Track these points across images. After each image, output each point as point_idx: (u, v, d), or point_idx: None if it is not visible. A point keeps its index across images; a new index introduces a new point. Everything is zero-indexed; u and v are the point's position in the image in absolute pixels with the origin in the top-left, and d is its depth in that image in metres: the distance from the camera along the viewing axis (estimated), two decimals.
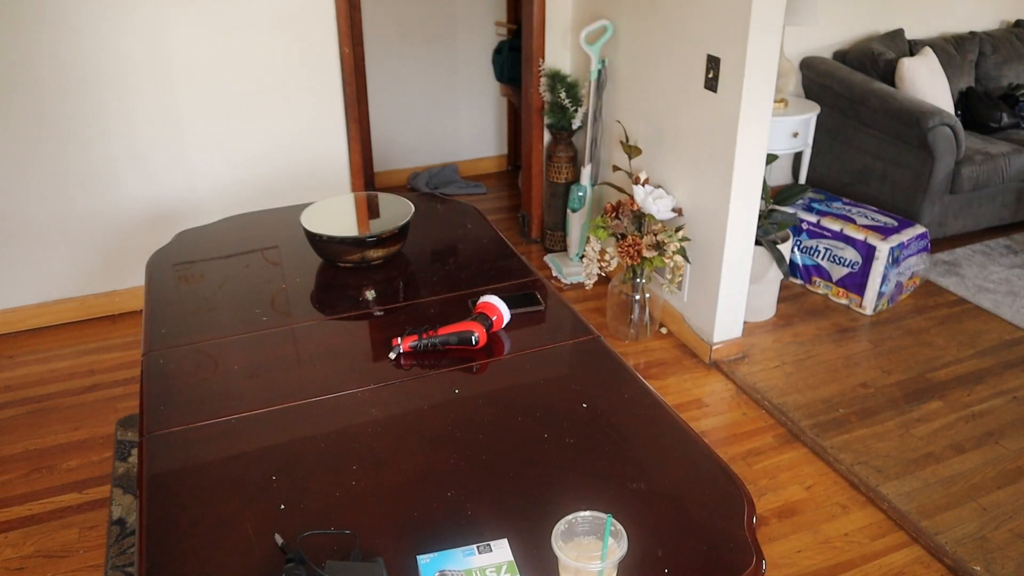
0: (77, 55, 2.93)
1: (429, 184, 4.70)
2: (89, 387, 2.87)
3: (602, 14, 3.36)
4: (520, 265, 1.99)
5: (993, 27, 4.55)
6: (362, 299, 1.83)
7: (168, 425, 1.41)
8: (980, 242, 3.93)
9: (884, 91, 3.72)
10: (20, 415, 2.73)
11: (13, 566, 2.12)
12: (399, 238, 1.97)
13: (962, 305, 3.40)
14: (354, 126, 3.41)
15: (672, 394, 2.82)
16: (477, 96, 4.83)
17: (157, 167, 3.18)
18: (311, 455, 1.34)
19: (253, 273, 1.98)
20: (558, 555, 1.01)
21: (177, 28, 3.01)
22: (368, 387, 1.53)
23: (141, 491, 1.27)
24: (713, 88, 2.71)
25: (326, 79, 3.28)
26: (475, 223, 2.28)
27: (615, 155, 3.41)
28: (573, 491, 1.24)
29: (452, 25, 4.62)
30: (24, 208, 3.07)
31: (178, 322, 1.75)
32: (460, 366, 1.58)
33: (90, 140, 3.06)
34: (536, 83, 3.64)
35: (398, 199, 2.10)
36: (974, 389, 2.84)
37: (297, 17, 3.15)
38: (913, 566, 2.11)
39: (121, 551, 2.14)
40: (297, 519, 1.18)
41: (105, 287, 3.31)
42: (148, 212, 3.24)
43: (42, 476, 2.44)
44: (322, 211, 2.04)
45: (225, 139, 3.24)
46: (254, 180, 3.33)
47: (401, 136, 4.73)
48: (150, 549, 1.15)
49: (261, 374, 1.57)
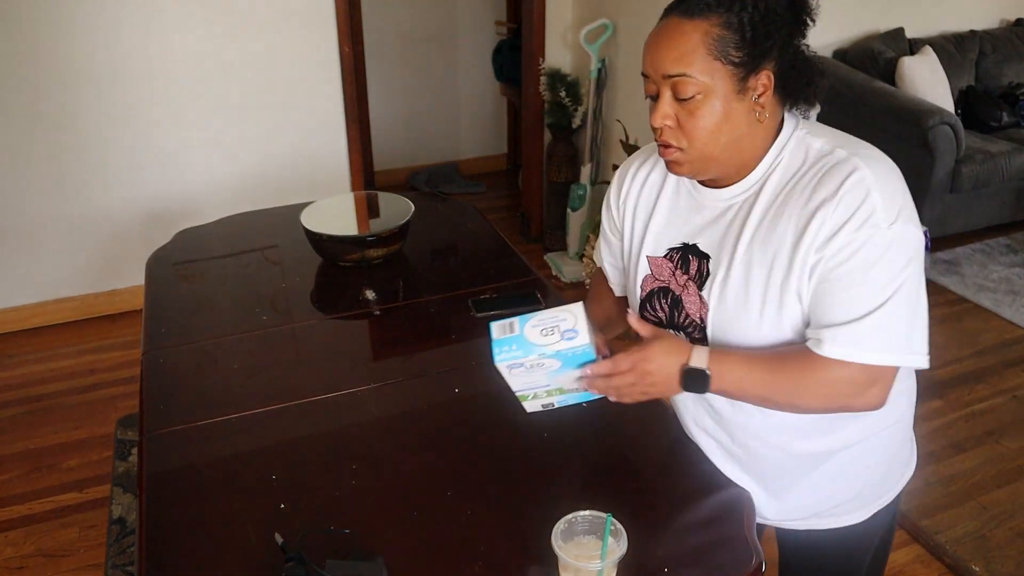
0: (77, 54, 2.92)
1: (429, 183, 4.70)
2: (89, 386, 2.87)
3: (602, 13, 3.35)
4: (520, 264, 1.99)
5: (993, 26, 4.55)
6: (362, 298, 1.83)
7: (168, 424, 1.40)
8: (980, 241, 3.92)
9: (884, 90, 3.71)
10: (20, 414, 2.73)
11: (13, 565, 2.12)
12: (399, 237, 1.96)
13: (962, 304, 3.40)
14: (354, 125, 3.41)
15: None
16: (477, 95, 4.83)
17: (157, 166, 3.18)
18: (311, 454, 1.34)
19: (253, 272, 1.98)
20: (558, 554, 1.01)
21: (177, 27, 3.01)
22: (368, 386, 1.52)
23: (141, 490, 1.27)
24: None
25: (326, 78, 3.28)
26: (475, 222, 2.28)
27: (615, 154, 3.41)
28: (573, 490, 1.24)
29: (452, 24, 4.62)
30: (24, 207, 3.07)
31: (178, 321, 1.75)
32: (459, 365, 1.58)
33: (90, 139, 3.06)
34: (536, 82, 3.64)
35: (398, 198, 2.10)
36: (974, 388, 2.84)
37: (297, 16, 3.14)
38: (913, 565, 2.11)
39: (121, 550, 2.14)
40: (297, 518, 1.18)
41: (105, 286, 3.31)
42: (148, 211, 3.24)
43: (42, 475, 2.44)
44: (322, 210, 2.03)
45: (225, 138, 3.23)
46: (254, 179, 3.32)
47: (401, 135, 4.73)
48: (150, 548, 1.15)
49: (261, 373, 1.57)
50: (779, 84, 1.05)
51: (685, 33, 1.01)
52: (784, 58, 1.04)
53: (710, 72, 1.01)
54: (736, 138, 1.05)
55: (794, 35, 1.05)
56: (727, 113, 1.03)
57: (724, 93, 1.02)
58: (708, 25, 1.00)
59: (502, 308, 1.73)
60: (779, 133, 1.09)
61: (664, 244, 1.20)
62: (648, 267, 1.22)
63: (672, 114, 1.05)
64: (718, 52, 1.00)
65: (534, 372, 1.09)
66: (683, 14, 1.02)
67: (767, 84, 1.03)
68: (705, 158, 1.07)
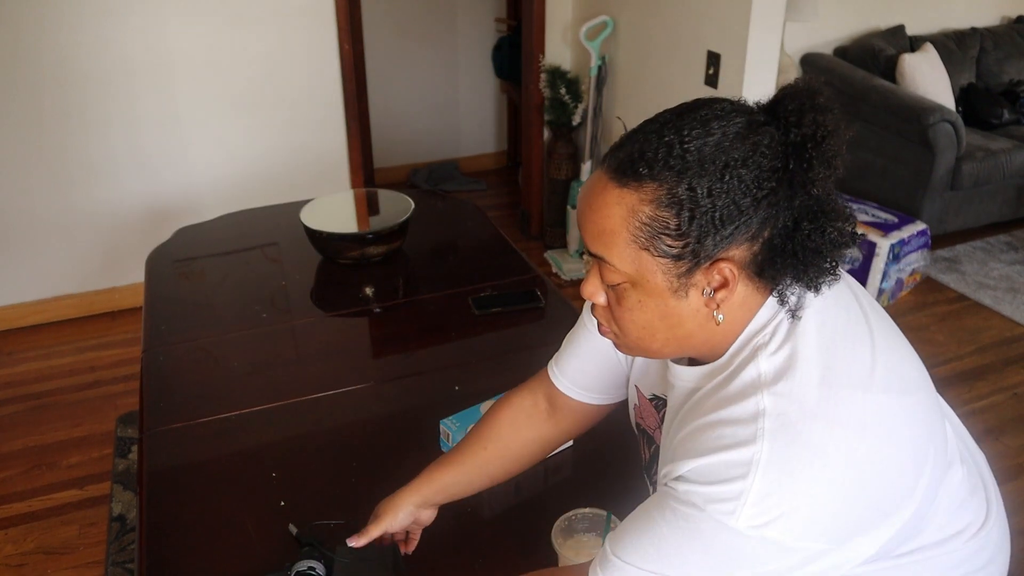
0: (76, 52, 2.92)
1: (429, 180, 4.70)
2: (89, 384, 2.87)
3: (602, 10, 3.35)
4: (520, 262, 1.99)
5: (994, 23, 4.54)
6: (362, 296, 1.83)
7: (168, 422, 1.40)
8: (981, 239, 3.92)
9: (885, 87, 3.71)
10: (20, 412, 2.73)
11: (13, 563, 2.12)
12: (399, 235, 1.96)
13: (962, 302, 3.40)
14: (354, 122, 3.40)
15: None
16: (477, 92, 4.82)
17: (157, 163, 3.18)
18: (311, 452, 1.34)
19: (253, 270, 1.98)
20: (558, 552, 1.01)
21: (177, 24, 3.00)
22: (368, 384, 1.52)
23: (141, 488, 1.27)
24: (714, 84, 2.70)
25: (326, 75, 3.28)
26: (475, 220, 2.28)
27: None
28: (573, 488, 1.24)
29: (452, 21, 4.61)
30: (24, 205, 3.07)
31: (178, 319, 1.75)
32: (459, 363, 1.58)
33: (90, 137, 3.05)
34: (536, 79, 3.63)
35: (398, 196, 2.10)
36: (975, 386, 2.84)
37: (297, 13, 3.14)
38: None
39: (121, 548, 2.14)
40: (297, 515, 1.18)
41: (105, 283, 3.31)
42: (148, 208, 3.23)
43: (42, 473, 2.44)
44: (322, 208, 2.03)
45: (225, 135, 3.23)
46: (254, 176, 3.32)
47: (401, 132, 4.72)
48: (150, 545, 1.15)
49: (261, 371, 1.57)
50: (759, 269, 0.77)
51: (607, 205, 0.75)
52: (767, 233, 0.75)
53: (634, 262, 0.76)
54: (683, 337, 0.80)
55: (795, 198, 0.75)
56: (663, 311, 0.78)
57: (654, 290, 0.77)
58: (636, 200, 0.74)
59: (502, 305, 1.74)
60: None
61: (648, 385, 0.98)
62: (636, 398, 1.02)
63: (601, 291, 0.82)
64: (646, 240, 0.74)
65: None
66: (612, 173, 0.75)
67: (728, 278, 0.75)
68: (645, 351, 0.84)
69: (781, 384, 0.75)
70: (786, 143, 0.74)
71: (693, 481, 0.76)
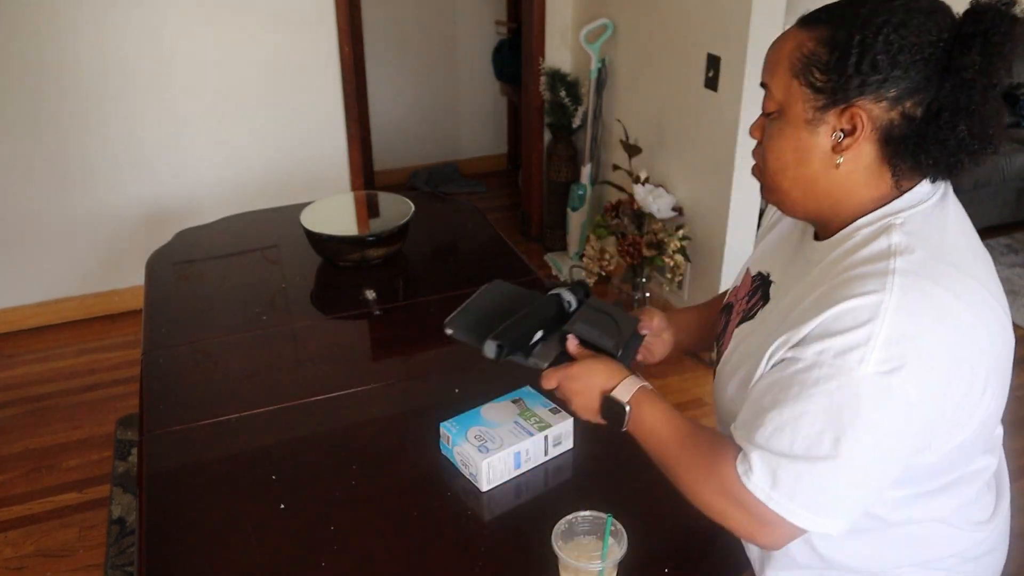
0: (76, 55, 2.92)
1: (429, 183, 4.70)
2: (89, 386, 2.87)
3: (602, 13, 3.35)
4: (520, 264, 1.99)
5: None
6: (362, 298, 1.82)
7: (168, 424, 1.40)
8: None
9: None
10: (20, 414, 2.73)
11: (13, 565, 2.12)
12: (399, 237, 1.96)
13: None
14: (354, 124, 3.40)
15: (673, 393, 2.82)
16: (477, 95, 4.82)
17: (157, 166, 3.18)
18: (311, 454, 1.34)
19: (253, 272, 1.97)
20: (558, 555, 1.01)
21: (177, 27, 3.01)
22: (368, 386, 1.52)
23: (141, 490, 1.27)
24: (714, 87, 2.70)
25: (326, 78, 3.28)
26: (475, 222, 2.28)
27: (615, 154, 3.41)
28: (574, 491, 1.24)
29: (452, 24, 4.61)
30: (24, 207, 3.07)
31: (178, 321, 1.75)
32: (459, 365, 1.58)
33: (90, 139, 3.05)
34: (536, 82, 3.64)
35: (398, 198, 2.10)
36: None
37: (297, 16, 3.14)
38: None
39: (121, 550, 2.14)
40: (297, 518, 1.18)
41: (105, 286, 3.31)
42: (147, 211, 3.23)
43: (42, 475, 2.43)
44: (322, 210, 2.03)
45: (225, 138, 3.23)
46: (254, 179, 3.32)
47: (401, 135, 4.72)
48: (150, 548, 1.15)
49: (261, 373, 1.57)
50: (889, 135, 0.85)
51: (785, 41, 0.89)
52: (908, 104, 0.83)
53: (786, 89, 0.88)
54: (808, 179, 0.90)
55: (947, 80, 0.81)
56: (795, 143, 0.89)
57: (794, 118, 0.88)
58: (805, 37, 0.87)
59: None
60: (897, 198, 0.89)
61: (756, 263, 1.11)
62: (739, 281, 1.14)
63: (760, 127, 0.94)
64: (799, 68, 0.86)
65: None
66: (798, 23, 0.90)
67: (857, 126, 0.85)
68: (775, 190, 0.94)
69: (913, 255, 0.83)
70: (959, 30, 0.81)
71: (819, 337, 0.83)
